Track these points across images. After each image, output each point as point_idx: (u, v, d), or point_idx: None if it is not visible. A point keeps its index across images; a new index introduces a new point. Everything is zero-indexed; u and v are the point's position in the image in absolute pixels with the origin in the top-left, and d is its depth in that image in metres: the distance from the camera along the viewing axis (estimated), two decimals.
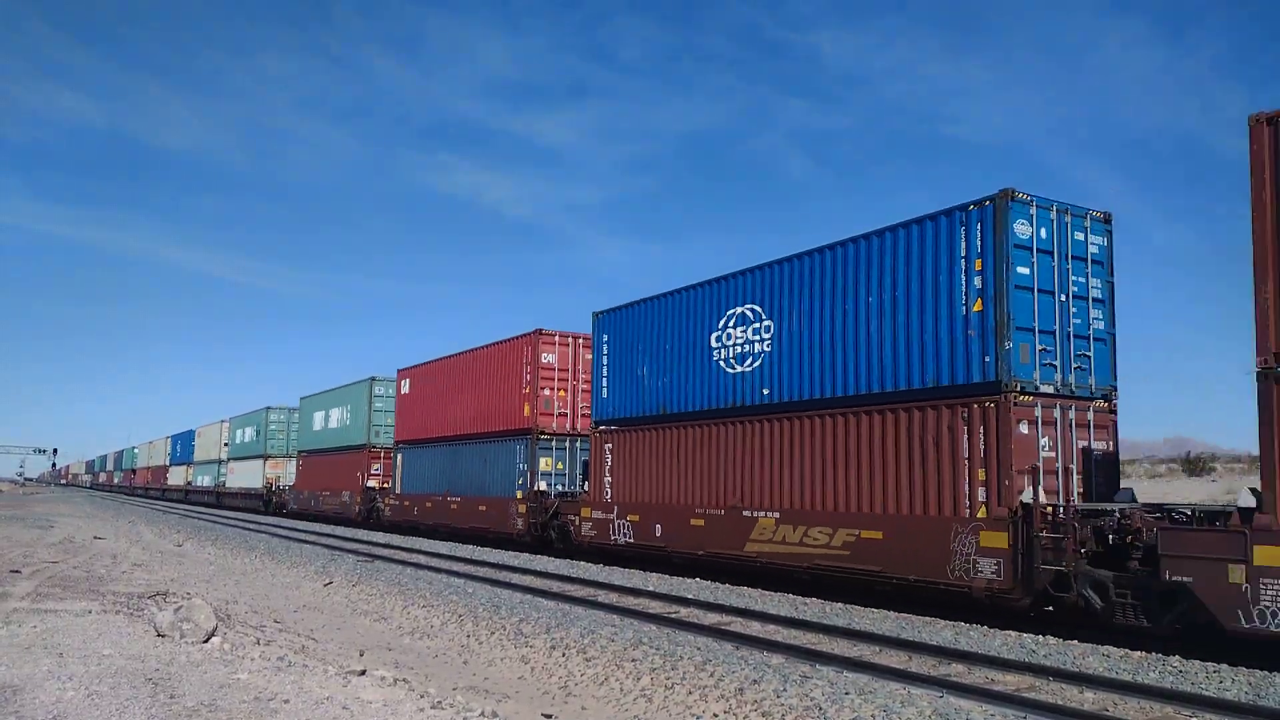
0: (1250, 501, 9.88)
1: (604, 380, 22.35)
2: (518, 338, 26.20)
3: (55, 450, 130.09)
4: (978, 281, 13.45)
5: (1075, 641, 11.35)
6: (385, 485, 34.83)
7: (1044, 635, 11.72)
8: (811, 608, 14.23)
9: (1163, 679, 9.24)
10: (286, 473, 47.20)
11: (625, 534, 20.62)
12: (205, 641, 9.28)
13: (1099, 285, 14.10)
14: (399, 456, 33.28)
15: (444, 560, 22.29)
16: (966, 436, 13.28)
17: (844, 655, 10.26)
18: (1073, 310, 13.72)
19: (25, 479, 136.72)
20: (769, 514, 16.57)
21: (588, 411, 23.88)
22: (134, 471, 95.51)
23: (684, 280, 17.50)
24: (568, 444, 25.40)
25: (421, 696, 7.66)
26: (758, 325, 17.60)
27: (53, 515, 39.96)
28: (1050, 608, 12.36)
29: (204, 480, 61.90)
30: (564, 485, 24.95)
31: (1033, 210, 13.40)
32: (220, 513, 50.02)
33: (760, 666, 9.66)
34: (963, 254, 13.69)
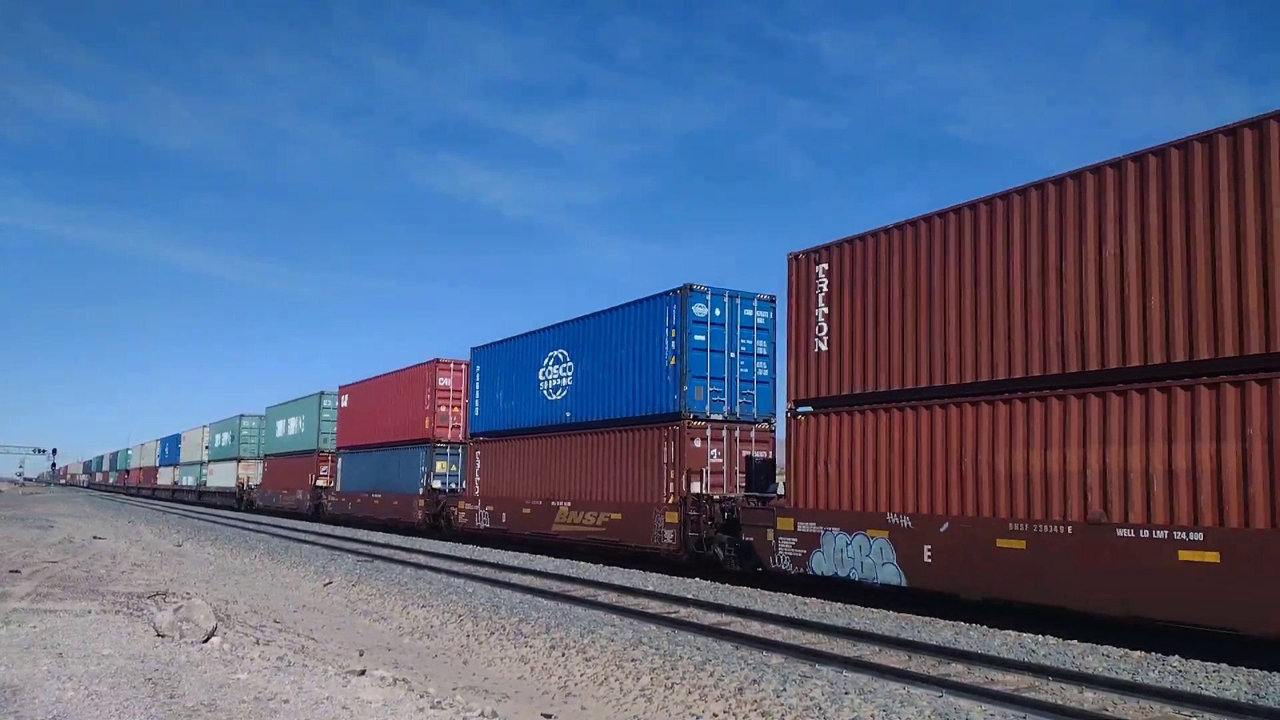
0: (781, 490, 16.29)
1: (476, 401, 28.39)
2: (422, 365, 32.27)
3: (55, 450, 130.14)
4: (672, 344, 19.77)
5: (1075, 641, 11.35)
6: (329, 484, 40.62)
7: (1044, 635, 11.72)
8: (811, 608, 14.24)
9: (1162, 679, 9.25)
10: (256, 473, 51.84)
11: (485, 521, 26.72)
12: (205, 641, 9.28)
13: (764, 345, 20.44)
14: (339, 460, 39.53)
15: (444, 560, 22.30)
16: (664, 448, 19.63)
17: (844, 655, 10.26)
18: (741, 363, 20.13)
19: (25, 479, 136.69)
20: (565, 503, 22.96)
21: None
22: (128, 472, 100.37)
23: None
24: (460, 451, 30.87)
25: (421, 696, 7.66)
26: (565, 365, 23.90)
27: (52, 515, 39.96)
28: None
29: (188, 480, 67.08)
30: (455, 484, 30.80)
31: (708, 297, 19.85)
32: (204, 510, 53.24)
33: (760, 666, 9.66)
34: (666, 325, 20.00)
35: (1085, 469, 11.56)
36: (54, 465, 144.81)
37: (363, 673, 8.51)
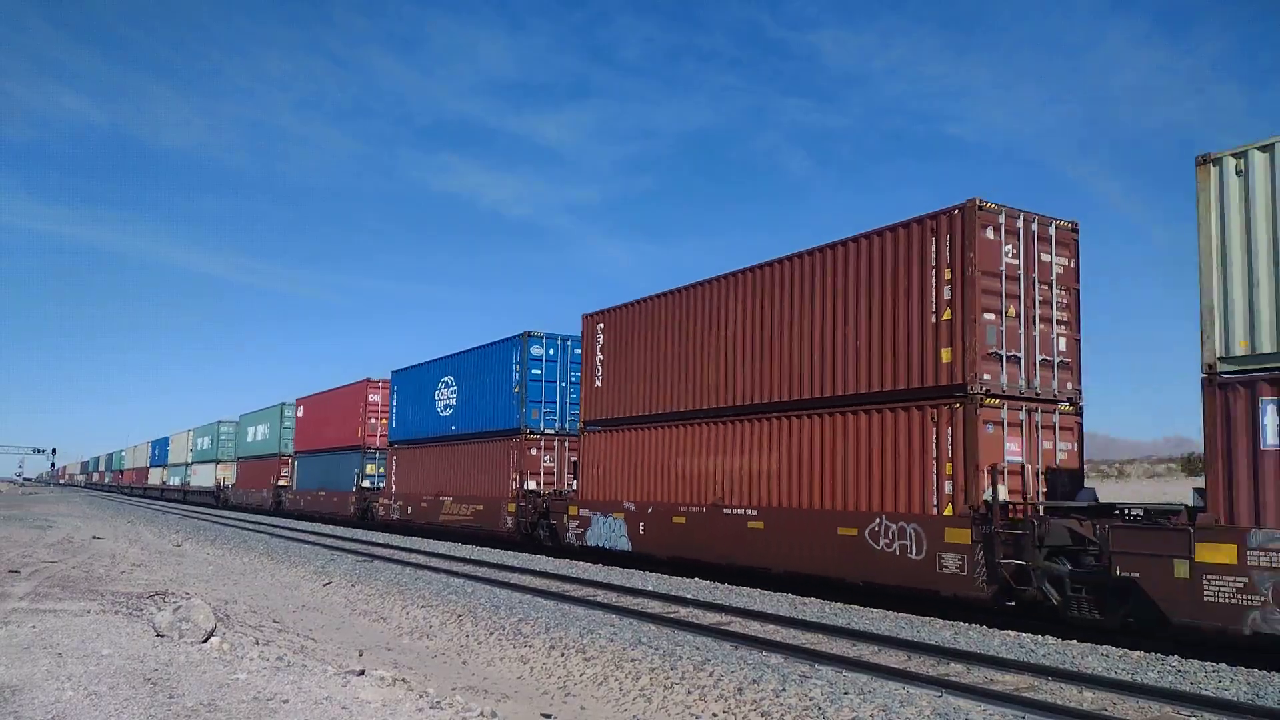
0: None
1: (393, 415, 34.64)
2: (356, 383, 38.19)
3: (54, 450, 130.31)
4: (516, 377, 26.00)
5: (1074, 641, 11.36)
6: (288, 484, 46.27)
7: (1043, 635, 11.73)
8: (811, 608, 14.24)
9: (1162, 678, 9.25)
10: (231, 474, 57.41)
11: (396, 513, 33.07)
12: (204, 641, 9.27)
13: (576, 375, 25.21)
14: (295, 462, 45.34)
15: (443, 560, 22.30)
16: (509, 456, 25.98)
17: (843, 655, 10.27)
18: (570, 391, 25.92)
19: (24, 479, 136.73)
20: (449, 498, 29.09)
21: None
22: (121, 472, 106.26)
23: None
24: (382, 456, 36.43)
25: (421, 696, 7.66)
26: (452, 389, 30.11)
27: (51, 515, 39.95)
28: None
29: (175, 480, 72.94)
30: (379, 483, 36.14)
31: (543, 340, 26.14)
32: (191, 508, 57.33)
33: (759, 666, 9.66)
34: (513, 362, 26.23)
35: (715, 470, 17.90)
36: (53, 465, 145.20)
37: (362, 673, 8.51)
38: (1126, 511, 11.73)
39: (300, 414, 44.74)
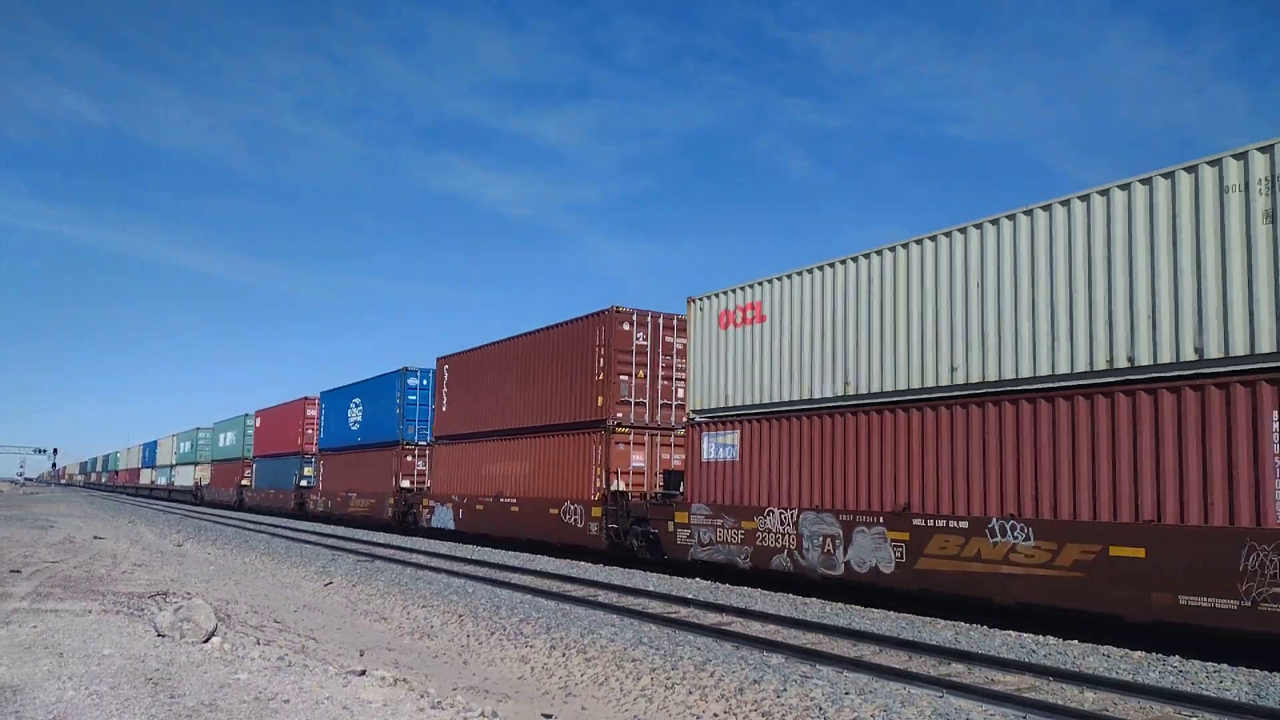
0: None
1: (321, 427, 43.09)
2: (296, 400, 46.66)
3: (55, 450, 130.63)
4: (398, 400, 33.68)
5: (1075, 641, 11.35)
6: (249, 484, 53.96)
7: (1044, 635, 11.73)
8: (812, 608, 14.24)
9: (1163, 679, 9.25)
10: (206, 475, 64.95)
11: (321, 507, 41.09)
12: (205, 641, 9.28)
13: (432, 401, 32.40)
14: (255, 465, 53.56)
15: (444, 560, 22.31)
16: (392, 461, 33.57)
17: (844, 655, 10.26)
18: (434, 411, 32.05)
19: (25, 479, 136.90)
20: (354, 494, 37.13)
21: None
22: (116, 473, 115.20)
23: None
24: (316, 460, 44.63)
25: (421, 696, 7.66)
26: (360, 408, 37.71)
27: (53, 515, 39.97)
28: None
29: (161, 480, 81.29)
30: (313, 483, 43.73)
31: (418, 373, 33.72)
32: (189, 507, 60.76)
33: (760, 666, 9.66)
34: (396, 389, 33.93)
35: (500, 473, 26.21)
36: (54, 465, 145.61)
37: (363, 673, 8.51)
38: (660, 495, 20.61)
39: (258, 424, 53.19)
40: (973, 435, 12.72)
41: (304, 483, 44.33)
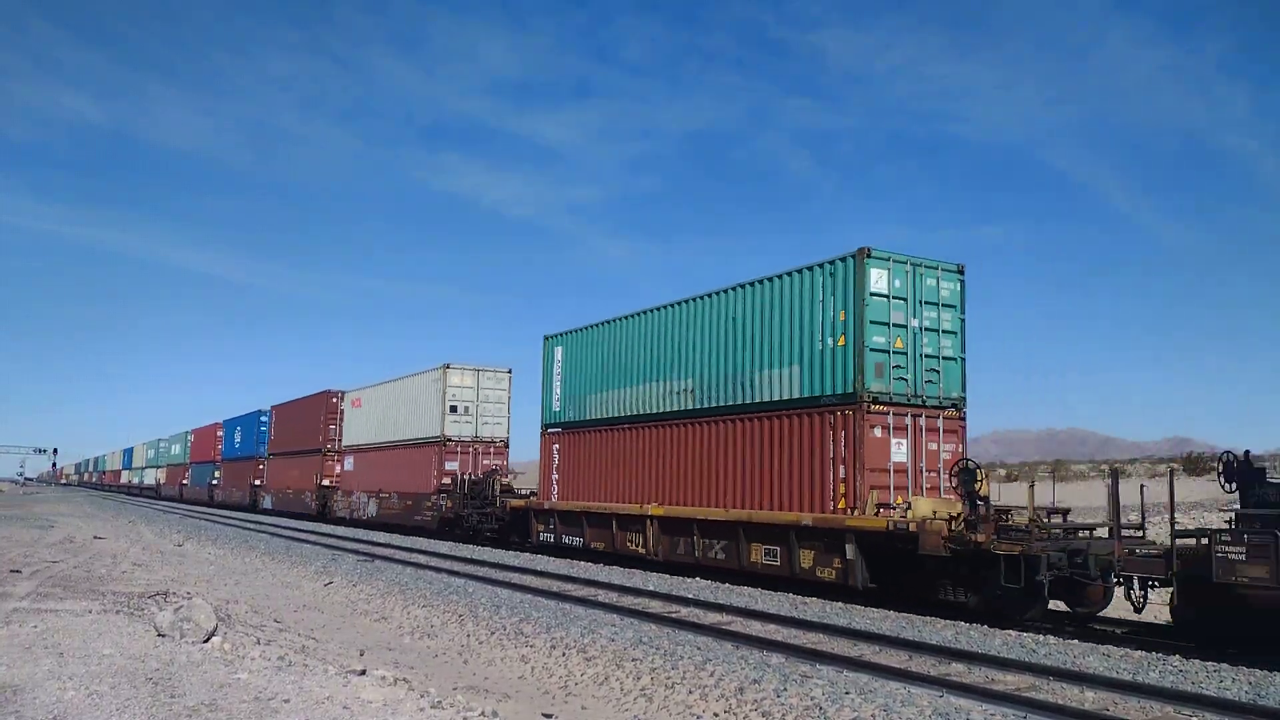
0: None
1: (224, 443, 57.33)
2: (210, 424, 62.54)
3: (56, 450, 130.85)
4: (256, 430, 51.63)
5: (1075, 641, 11.36)
6: (186, 483, 69.15)
7: (1044, 635, 11.72)
8: (812, 608, 14.24)
9: (1163, 678, 9.24)
10: (163, 476, 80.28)
11: (222, 497, 56.39)
12: (206, 641, 9.28)
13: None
14: (190, 469, 68.44)
15: (444, 560, 22.31)
16: (251, 468, 52.32)
17: (844, 655, 10.26)
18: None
19: (25, 479, 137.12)
20: (235, 489, 53.80)
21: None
22: (104, 473, 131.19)
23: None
24: (222, 466, 59.57)
25: (422, 696, 7.66)
26: (240, 432, 54.72)
27: (53, 515, 39.97)
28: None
29: (135, 480, 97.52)
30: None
31: (268, 411, 49.91)
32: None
33: (760, 666, 9.66)
34: (255, 423, 51.73)
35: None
36: (55, 465, 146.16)
37: (363, 672, 8.51)
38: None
39: (193, 439, 68.26)
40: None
41: (214, 481, 60.72)
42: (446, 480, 30.11)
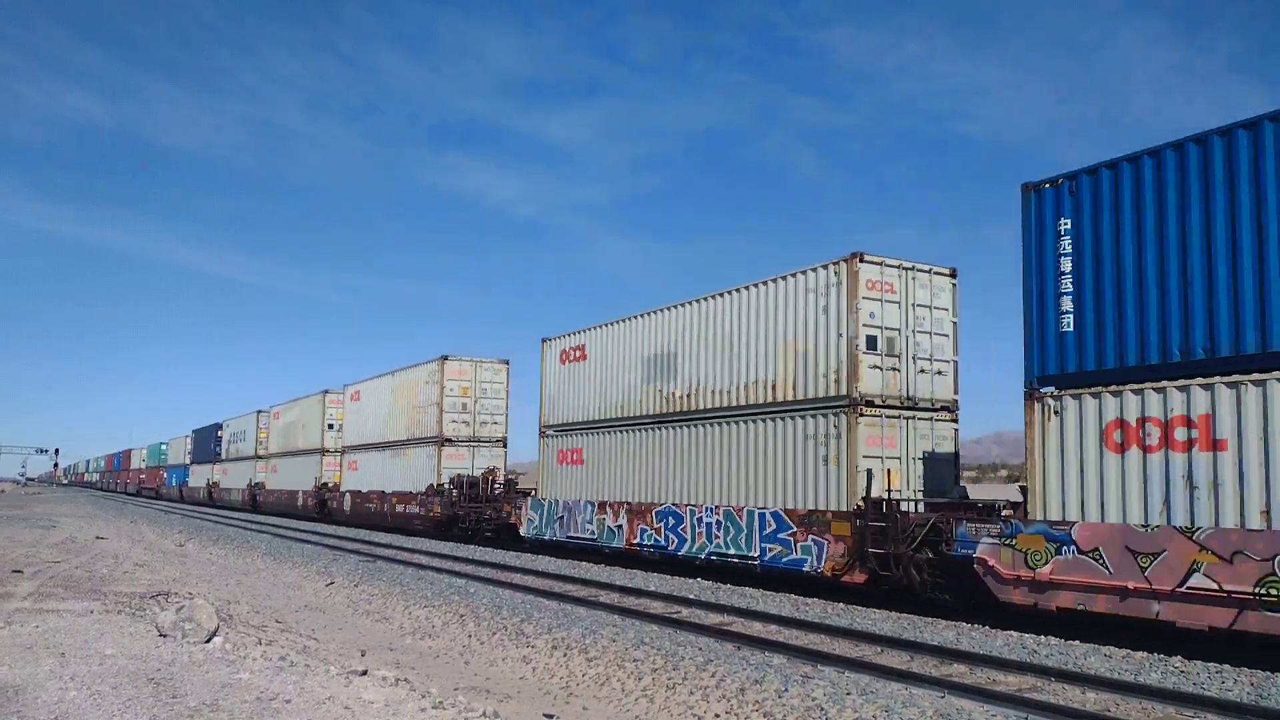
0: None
1: (191, 451, 69.49)
2: (180, 436, 72.79)
3: (57, 450, 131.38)
4: (213, 442, 62.50)
5: (1077, 642, 11.34)
6: (161, 483, 79.52)
7: (1045, 635, 11.72)
8: (813, 608, 14.23)
9: (1165, 679, 9.23)
10: (149, 478, 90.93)
11: (195, 496, 65.56)
12: (207, 641, 9.28)
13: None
14: (166, 471, 78.36)
15: (445, 560, 22.31)
16: (209, 470, 63.29)
17: (845, 655, 10.26)
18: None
19: (27, 479, 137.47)
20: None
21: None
22: (100, 473, 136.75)
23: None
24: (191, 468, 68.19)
25: (423, 696, 7.67)
26: (193, 443, 68.38)
27: (55, 515, 40.00)
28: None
29: (141, 479, 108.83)
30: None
31: (224, 424, 60.14)
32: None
33: (762, 667, 9.66)
34: (210, 438, 63.09)
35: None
36: (57, 465, 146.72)
37: (365, 673, 8.52)
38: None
39: (169, 446, 78.72)
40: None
41: (187, 481, 69.69)
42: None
